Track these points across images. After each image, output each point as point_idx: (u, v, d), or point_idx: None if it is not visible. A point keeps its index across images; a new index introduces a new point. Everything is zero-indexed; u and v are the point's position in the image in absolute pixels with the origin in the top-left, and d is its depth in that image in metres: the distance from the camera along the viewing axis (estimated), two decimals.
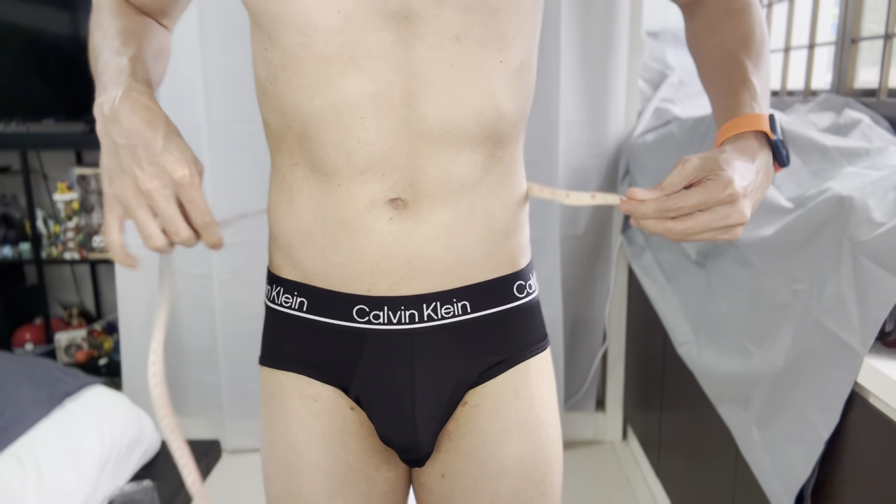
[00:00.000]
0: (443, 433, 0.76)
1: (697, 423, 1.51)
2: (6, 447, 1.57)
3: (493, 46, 0.65)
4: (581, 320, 2.22)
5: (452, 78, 0.64)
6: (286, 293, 0.75)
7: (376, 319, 0.71)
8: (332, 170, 0.67)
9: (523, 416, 0.75)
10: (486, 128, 0.67)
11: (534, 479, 0.76)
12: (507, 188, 0.73)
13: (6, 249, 2.65)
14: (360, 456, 0.76)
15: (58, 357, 2.67)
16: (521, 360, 0.76)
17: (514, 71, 0.67)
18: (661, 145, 1.76)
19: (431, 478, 0.78)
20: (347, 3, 0.61)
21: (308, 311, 0.74)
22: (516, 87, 0.68)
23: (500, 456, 0.74)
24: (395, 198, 0.67)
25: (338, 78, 0.63)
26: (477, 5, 0.63)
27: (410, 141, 0.65)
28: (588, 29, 1.99)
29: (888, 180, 0.90)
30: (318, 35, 0.62)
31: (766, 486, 1.03)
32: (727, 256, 1.26)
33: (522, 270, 0.77)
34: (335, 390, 0.75)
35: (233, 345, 2.18)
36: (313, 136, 0.66)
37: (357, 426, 0.76)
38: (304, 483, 0.75)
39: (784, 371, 0.99)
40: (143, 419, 1.98)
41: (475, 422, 0.75)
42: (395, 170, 0.66)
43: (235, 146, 2.05)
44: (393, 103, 0.64)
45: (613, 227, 2.14)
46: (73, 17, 2.46)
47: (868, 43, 1.42)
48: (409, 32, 0.62)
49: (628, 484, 2.04)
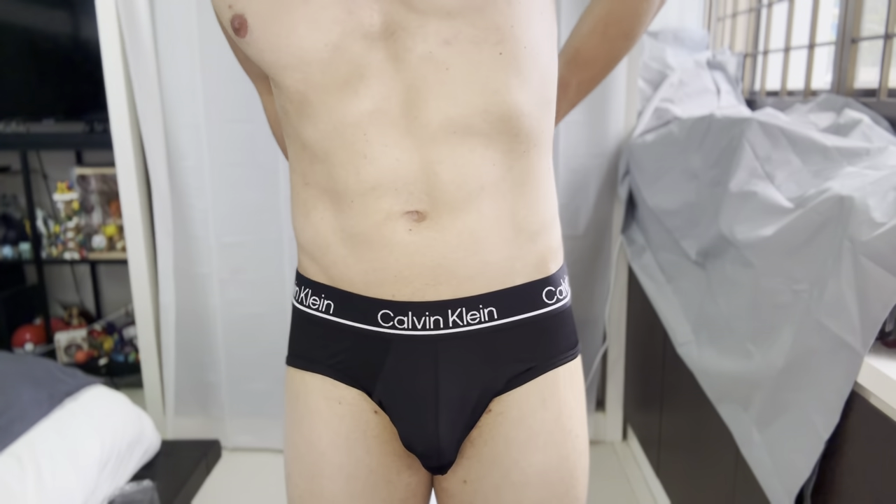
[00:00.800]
0: (466, 440, 0.75)
1: (697, 423, 1.51)
2: (6, 447, 1.57)
3: (487, 42, 0.63)
4: (581, 320, 2.22)
5: (449, 81, 0.64)
6: (314, 295, 0.75)
7: (401, 324, 0.71)
8: (344, 188, 0.67)
9: (549, 425, 0.74)
10: (496, 123, 0.66)
11: (558, 491, 0.75)
12: (533, 185, 0.70)
13: (6, 249, 2.65)
14: (382, 460, 0.76)
15: (58, 357, 2.67)
16: (550, 368, 0.75)
17: (517, 60, 0.65)
18: (661, 145, 1.76)
19: (453, 483, 0.77)
20: (333, 34, 0.63)
21: (335, 313, 0.74)
22: (525, 76, 0.66)
23: (525, 465, 0.73)
24: (412, 210, 0.66)
25: (336, 103, 0.65)
26: (459, 8, 0.62)
27: (418, 150, 0.65)
28: None
29: (888, 180, 0.90)
30: (312, 69, 0.64)
31: (766, 486, 1.03)
32: (727, 256, 1.26)
33: (553, 276, 0.75)
34: (359, 393, 0.75)
35: (233, 345, 2.18)
36: (322, 157, 0.68)
37: (380, 430, 0.75)
38: (327, 484, 0.75)
39: (784, 371, 0.99)
40: (144, 419, 1.98)
41: (499, 430, 0.74)
42: (407, 182, 0.66)
43: (235, 146, 2.05)
44: (393, 115, 0.64)
45: (613, 227, 2.14)
46: (73, 17, 2.46)
47: (868, 43, 1.42)
48: (398, 46, 0.63)
49: (628, 484, 2.04)
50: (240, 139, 2.04)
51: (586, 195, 2.12)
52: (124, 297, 2.81)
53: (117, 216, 2.60)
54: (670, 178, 1.65)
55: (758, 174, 1.21)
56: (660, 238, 1.72)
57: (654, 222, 1.75)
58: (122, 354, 2.71)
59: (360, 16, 0.63)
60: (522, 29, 0.65)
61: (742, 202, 1.20)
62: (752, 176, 1.22)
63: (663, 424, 1.81)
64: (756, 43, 2.03)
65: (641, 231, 1.92)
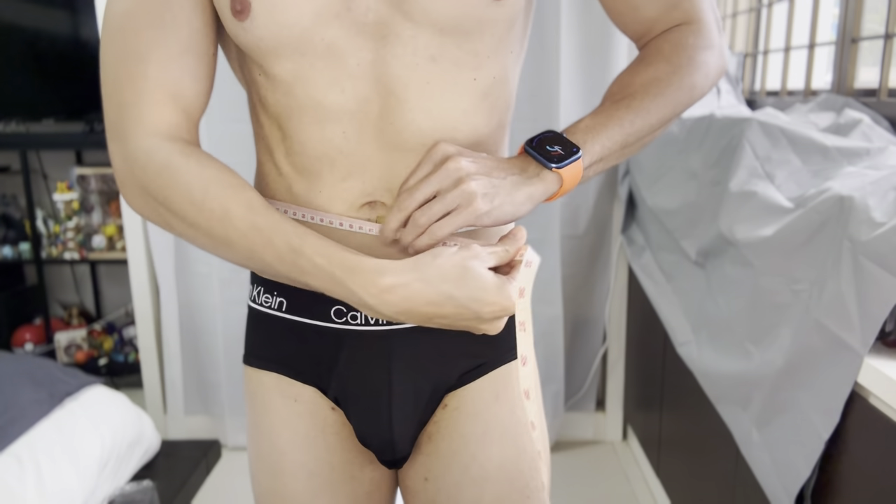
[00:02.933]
0: (423, 435, 0.76)
1: (697, 423, 1.51)
2: (6, 447, 1.57)
3: (467, 66, 0.67)
4: (581, 320, 2.22)
5: (427, 95, 0.66)
6: (266, 293, 0.76)
7: (354, 320, 0.72)
8: (317, 178, 0.68)
9: (504, 419, 0.75)
10: (462, 142, 0.69)
11: (517, 484, 0.75)
12: None
13: (6, 249, 2.65)
14: (343, 456, 0.76)
15: (58, 357, 2.67)
16: (502, 363, 0.76)
17: (486, 87, 0.69)
18: (661, 145, 1.76)
19: (415, 481, 0.78)
20: (331, 30, 0.63)
21: (287, 311, 0.74)
22: (491, 102, 0.70)
23: (483, 460, 0.74)
24: (374, 201, 0.68)
25: (322, 98, 0.66)
26: (451, 28, 0.64)
27: (388, 151, 0.67)
28: (588, 29, 1.99)
29: (888, 180, 0.90)
30: (304, 61, 0.65)
31: (766, 486, 1.03)
32: (727, 256, 1.26)
33: None
34: (315, 391, 0.75)
35: (233, 344, 2.18)
36: (298, 149, 0.68)
37: (339, 426, 0.76)
38: (289, 482, 0.76)
39: (784, 371, 0.99)
40: (143, 419, 1.98)
41: (455, 425, 0.75)
42: (373, 177, 0.68)
43: (235, 146, 2.04)
44: (371, 117, 0.66)
45: (613, 227, 2.14)
46: (73, 17, 2.46)
47: (868, 43, 1.42)
48: (387, 51, 0.65)
49: (628, 484, 2.04)
50: (240, 139, 2.02)
51: (586, 195, 2.12)
52: (124, 297, 2.81)
53: (117, 216, 2.60)
54: (670, 177, 1.65)
55: (758, 174, 1.21)
56: (660, 238, 1.72)
57: (654, 222, 1.75)
58: (122, 354, 2.71)
59: (356, 12, 0.63)
60: (495, 60, 0.68)
61: (742, 202, 1.20)
62: (752, 176, 1.22)
63: (663, 424, 1.81)
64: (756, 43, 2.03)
65: (641, 231, 1.92)
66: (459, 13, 0.64)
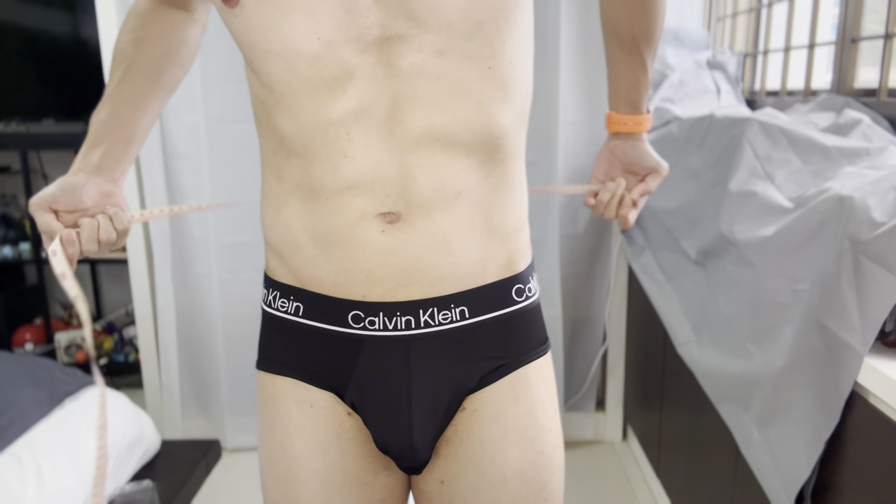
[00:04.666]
0: (441, 439, 0.75)
1: (697, 423, 1.51)
2: (6, 447, 1.56)
3: (479, 56, 0.65)
4: (581, 320, 2.22)
5: (438, 91, 0.64)
6: (282, 297, 0.75)
7: (372, 325, 0.70)
8: (320, 184, 0.67)
9: (523, 421, 0.74)
10: (479, 133, 0.67)
11: (535, 487, 0.75)
12: (507, 190, 0.72)
13: (6, 249, 2.65)
14: (357, 462, 0.75)
15: (58, 357, 2.67)
16: (521, 364, 0.75)
17: (504, 73, 0.67)
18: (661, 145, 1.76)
19: (431, 484, 0.77)
20: (327, 29, 0.62)
21: (304, 315, 0.73)
22: (509, 89, 0.68)
23: (501, 462, 0.74)
24: (387, 211, 0.66)
25: (322, 99, 0.64)
26: (460, 21, 0.63)
27: (399, 153, 0.65)
28: (588, 29, 1.99)
29: (888, 180, 0.90)
30: (300, 60, 0.63)
31: (766, 486, 1.03)
32: (727, 256, 1.26)
33: (521, 273, 0.75)
34: (331, 396, 0.74)
35: (233, 344, 2.18)
36: (301, 151, 0.67)
37: (354, 432, 0.75)
38: (302, 489, 0.75)
39: (784, 371, 0.99)
40: (143, 419, 1.98)
41: (474, 427, 0.74)
42: (385, 184, 0.66)
43: (235, 146, 2.05)
44: (378, 118, 0.64)
45: (613, 227, 2.14)
46: (73, 17, 2.46)
47: (868, 43, 1.42)
48: (392, 52, 0.63)
49: (628, 484, 2.04)
50: (240, 139, 2.03)
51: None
52: (124, 297, 2.81)
53: None
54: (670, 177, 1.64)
55: (758, 174, 1.21)
56: (660, 238, 1.72)
57: (655, 222, 1.75)
58: (122, 354, 2.71)
59: (357, 17, 0.62)
60: (511, 45, 0.66)
61: (742, 202, 1.20)
62: (752, 176, 1.22)
63: (663, 424, 1.81)
64: (756, 43, 2.03)
65: (641, 231, 1.92)
66: (470, 4, 0.62)
